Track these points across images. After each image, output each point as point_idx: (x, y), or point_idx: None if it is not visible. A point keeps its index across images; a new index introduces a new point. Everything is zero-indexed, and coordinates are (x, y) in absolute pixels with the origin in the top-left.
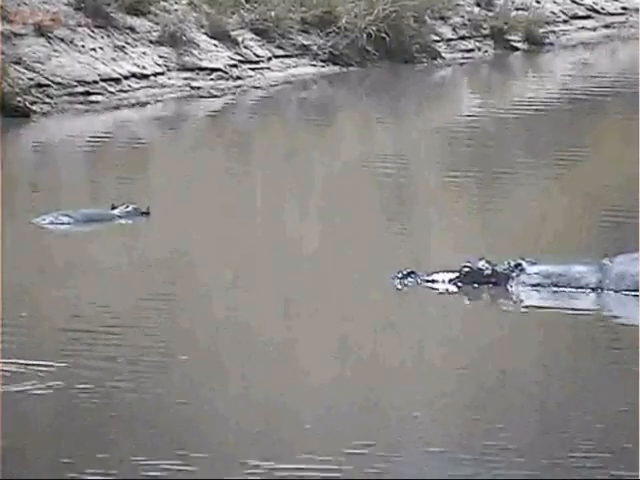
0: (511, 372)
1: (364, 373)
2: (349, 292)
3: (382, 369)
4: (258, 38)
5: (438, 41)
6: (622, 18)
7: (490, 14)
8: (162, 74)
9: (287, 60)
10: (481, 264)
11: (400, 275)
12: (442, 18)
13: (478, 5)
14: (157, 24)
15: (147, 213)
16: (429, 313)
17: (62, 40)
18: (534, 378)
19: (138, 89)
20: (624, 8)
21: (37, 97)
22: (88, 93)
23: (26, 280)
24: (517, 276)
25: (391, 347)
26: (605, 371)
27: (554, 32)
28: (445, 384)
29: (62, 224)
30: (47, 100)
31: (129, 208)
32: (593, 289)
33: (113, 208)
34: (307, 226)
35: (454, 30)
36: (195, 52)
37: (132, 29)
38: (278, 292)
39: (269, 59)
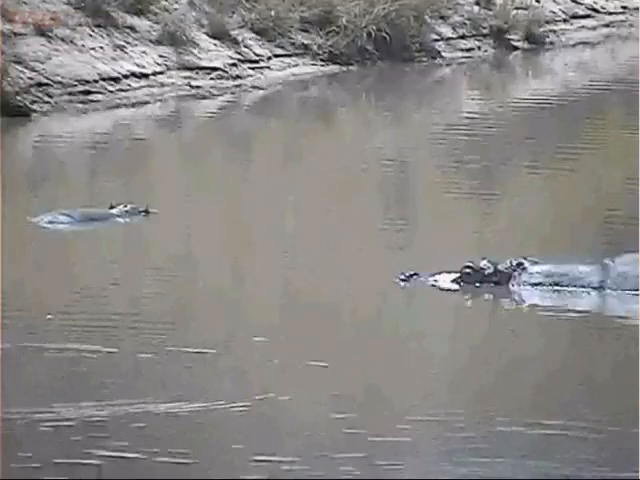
0: (512, 371)
1: (366, 373)
2: (352, 293)
3: (384, 367)
4: (258, 37)
5: (438, 40)
6: (622, 17)
7: (490, 13)
8: (162, 73)
9: (287, 59)
10: (483, 263)
11: (403, 277)
12: (442, 17)
13: (478, 4)
14: (157, 23)
15: (146, 212)
16: (431, 312)
17: (62, 39)
18: (535, 377)
19: (138, 88)
20: (624, 7)
21: (37, 96)
22: (88, 92)
23: (25, 279)
24: (519, 275)
25: (393, 345)
26: (606, 371)
27: (554, 31)
28: (446, 382)
29: (61, 223)
30: (47, 99)
31: (128, 207)
32: (595, 289)
33: (111, 208)
34: (308, 226)
35: (454, 29)
36: (195, 51)
37: (132, 28)
38: (278, 293)
39: (269, 58)
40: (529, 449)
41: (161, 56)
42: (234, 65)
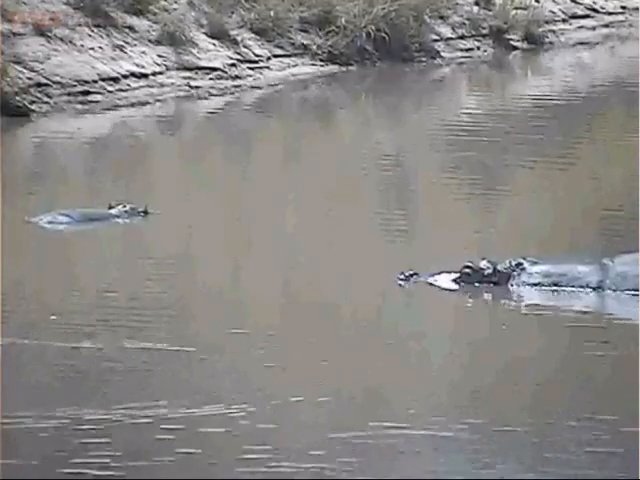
0: (511, 371)
1: (366, 373)
2: (352, 293)
3: (383, 367)
4: (257, 37)
5: (437, 40)
6: (621, 17)
7: (489, 13)
8: (161, 73)
9: (286, 59)
10: (482, 263)
11: (402, 277)
12: (441, 17)
13: (477, 4)
14: (156, 23)
15: (145, 212)
16: (431, 312)
17: (61, 39)
18: (534, 377)
19: (137, 88)
20: (623, 7)
21: (36, 96)
22: (87, 92)
23: (25, 279)
24: (518, 275)
25: (393, 345)
26: (606, 371)
27: (553, 31)
28: (446, 382)
29: (60, 224)
30: (46, 99)
31: (127, 208)
32: (594, 289)
33: (110, 208)
34: (307, 227)
35: (453, 29)
36: (194, 51)
37: (131, 28)
38: (278, 293)
39: (268, 58)
40: (529, 449)
41: (160, 56)
42: (233, 65)
